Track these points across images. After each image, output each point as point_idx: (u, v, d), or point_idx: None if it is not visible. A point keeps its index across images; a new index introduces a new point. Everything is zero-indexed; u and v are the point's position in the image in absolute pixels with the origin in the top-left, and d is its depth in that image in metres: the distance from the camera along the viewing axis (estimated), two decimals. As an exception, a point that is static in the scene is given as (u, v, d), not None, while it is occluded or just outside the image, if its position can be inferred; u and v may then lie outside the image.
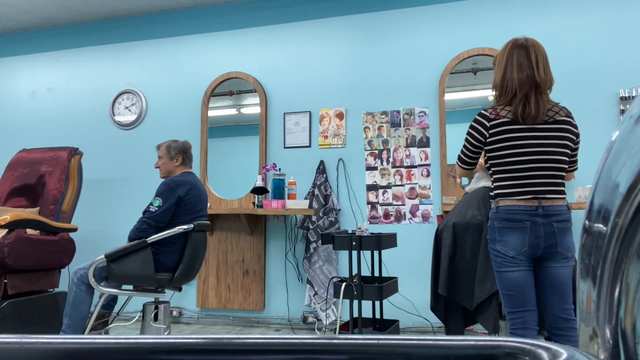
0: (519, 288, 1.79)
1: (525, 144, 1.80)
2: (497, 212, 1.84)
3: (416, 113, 3.81)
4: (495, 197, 1.87)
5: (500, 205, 1.83)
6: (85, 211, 4.22)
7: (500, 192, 1.85)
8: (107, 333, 3.03)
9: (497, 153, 1.85)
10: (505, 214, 1.81)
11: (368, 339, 0.48)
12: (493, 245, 1.84)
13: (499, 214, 1.83)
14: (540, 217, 1.78)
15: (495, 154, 1.85)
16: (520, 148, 1.81)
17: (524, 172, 1.82)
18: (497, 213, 1.84)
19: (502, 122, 1.83)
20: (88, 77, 4.74)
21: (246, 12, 4.33)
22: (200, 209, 2.89)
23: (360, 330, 2.85)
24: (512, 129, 1.81)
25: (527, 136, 1.81)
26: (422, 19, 3.89)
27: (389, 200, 3.80)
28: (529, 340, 0.45)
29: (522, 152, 1.81)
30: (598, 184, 0.51)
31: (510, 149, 1.82)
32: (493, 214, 1.86)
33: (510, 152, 1.82)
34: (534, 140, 1.80)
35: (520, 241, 1.78)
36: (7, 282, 2.98)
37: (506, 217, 1.80)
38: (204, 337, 0.49)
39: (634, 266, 0.47)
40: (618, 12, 3.49)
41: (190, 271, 2.80)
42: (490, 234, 1.86)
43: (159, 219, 2.69)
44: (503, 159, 1.84)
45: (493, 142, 1.85)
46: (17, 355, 0.47)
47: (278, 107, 4.15)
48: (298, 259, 3.93)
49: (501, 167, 1.85)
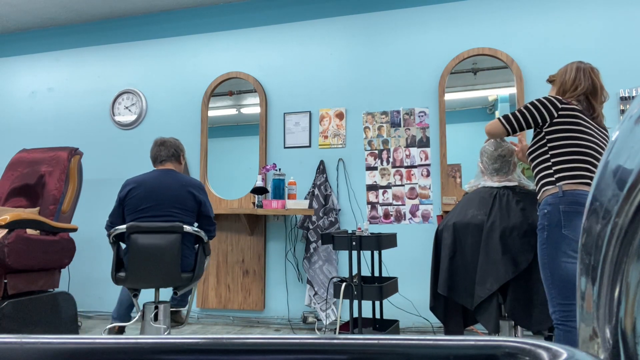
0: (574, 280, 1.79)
1: (590, 133, 1.93)
2: (564, 196, 1.83)
3: (416, 113, 3.81)
4: (558, 181, 1.87)
5: (567, 190, 1.84)
6: (85, 211, 4.22)
7: (565, 175, 1.87)
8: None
9: (564, 135, 1.91)
10: (573, 197, 1.82)
11: (368, 339, 0.48)
12: (558, 230, 1.80)
13: (566, 197, 1.83)
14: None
15: (562, 135, 1.92)
16: (587, 135, 1.92)
17: (589, 157, 1.89)
18: (563, 197, 1.83)
19: (574, 108, 1.96)
20: (88, 77, 4.74)
21: (246, 12, 4.33)
22: (146, 209, 2.70)
23: (360, 330, 2.85)
24: (582, 117, 1.95)
25: (591, 127, 1.96)
26: (422, 19, 3.90)
27: (389, 200, 3.80)
28: (529, 340, 0.45)
29: (588, 139, 1.91)
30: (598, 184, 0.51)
31: (579, 133, 1.91)
32: (558, 198, 1.84)
33: (579, 135, 1.90)
34: (595, 132, 1.96)
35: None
36: (7, 282, 2.98)
37: (575, 200, 1.81)
38: (204, 337, 0.49)
39: (634, 266, 0.47)
40: (618, 12, 3.49)
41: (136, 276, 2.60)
42: (552, 219, 1.82)
43: (111, 219, 2.79)
44: (571, 140, 1.90)
45: (560, 124, 1.93)
46: (17, 355, 0.47)
47: (278, 107, 4.15)
48: (298, 259, 3.93)
49: (566, 148, 1.90)
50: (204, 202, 2.83)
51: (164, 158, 2.90)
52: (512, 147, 2.34)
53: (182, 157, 2.99)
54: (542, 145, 1.97)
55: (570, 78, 2.07)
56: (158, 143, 2.94)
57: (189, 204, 2.76)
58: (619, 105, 3.41)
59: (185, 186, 2.78)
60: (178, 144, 2.98)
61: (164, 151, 2.91)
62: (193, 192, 2.78)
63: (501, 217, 2.12)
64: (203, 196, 2.84)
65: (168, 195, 2.72)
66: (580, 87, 2.05)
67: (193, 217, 2.81)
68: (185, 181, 2.81)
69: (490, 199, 2.21)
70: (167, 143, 2.94)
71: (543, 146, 1.97)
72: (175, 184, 2.78)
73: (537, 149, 1.99)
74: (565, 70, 2.13)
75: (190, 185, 2.80)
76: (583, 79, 2.06)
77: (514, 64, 3.62)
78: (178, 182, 2.79)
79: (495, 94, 3.77)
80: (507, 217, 2.11)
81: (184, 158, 3.01)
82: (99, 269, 4.13)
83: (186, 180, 2.83)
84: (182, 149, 2.99)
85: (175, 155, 2.93)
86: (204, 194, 2.86)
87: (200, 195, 2.82)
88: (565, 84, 2.08)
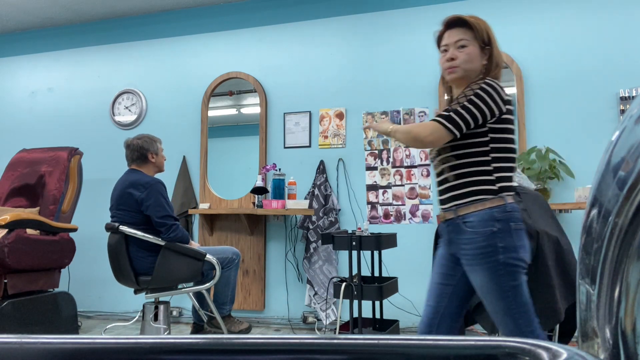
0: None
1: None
2: (511, 211, 1.51)
3: (416, 113, 3.82)
4: (501, 192, 1.53)
5: (510, 202, 1.53)
6: (85, 211, 4.21)
7: (506, 186, 1.54)
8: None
9: (506, 136, 1.56)
10: (518, 213, 1.53)
11: (368, 339, 0.48)
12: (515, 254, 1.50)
13: (513, 213, 1.51)
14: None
15: (504, 136, 1.55)
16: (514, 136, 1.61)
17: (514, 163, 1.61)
18: (510, 212, 1.51)
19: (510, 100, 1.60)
20: (88, 77, 4.74)
21: (246, 12, 4.33)
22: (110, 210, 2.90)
23: (360, 330, 2.85)
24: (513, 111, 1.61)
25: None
26: (422, 19, 3.89)
27: (389, 200, 3.80)
28: (529, 340, 0.45)
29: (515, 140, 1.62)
30: (598, 184, 0.51)
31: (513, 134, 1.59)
32: (506, 213, 1.50)
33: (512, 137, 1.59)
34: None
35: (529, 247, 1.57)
36: (7, 282, 2.98)
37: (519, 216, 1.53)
38: (204, 337, 0.49)
39: (634, 266, 0.47)
40: (618, 12, 3.49)
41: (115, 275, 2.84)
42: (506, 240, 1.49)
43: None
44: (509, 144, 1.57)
45: (505, 121, 1.56)
46: (17, 355, 0.47)
47: (278, 107, 4.15)
48: (298, 259, 3.93)
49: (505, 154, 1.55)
50: (142, 201, 2.75)
51: (129, 160, 2.96)
52: None
53: (152, 155, 2.93)
54: (483, 144, 1.54)
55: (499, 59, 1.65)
56: (124, 145, 2.99)
57: (130, 204, 2.78)
58: (619, 105, 3.41)
59: (127, 187, 2.80)
60: (142, 144, 2.93)
61: (128, 153, 2.96)
62: (131, 191, 2.77)
63: (501, 217, 2.12)
64: (144, 194, 2.75)
65: (115, 196, 2.86)
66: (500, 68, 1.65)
67: (139, 217, 2.79)
68: (130, 181, 2.82)
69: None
70: (131, 145, 2.95)
71: (483, 145, 1.54)
72: (121, 184, 2.85)
73: (475, 146, 1.55)
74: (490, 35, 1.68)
75: (131, 185, 2.79)
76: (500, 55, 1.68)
77: (514, 64, 3.62)
78: (124, 183, 2.84)
79: (495, 94, 3.77)
80: (507, 217, 2.11)
81: (155, 155, 2.95)
82: (99, 269, 4.13)
83: (132, 180, 2.82)
84: (147, 147, 2.92)
85: (140, 156, 2.93)
86: (149, 193, 2.75)
87: (140, 194, 2.75)
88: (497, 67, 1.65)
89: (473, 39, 1.64)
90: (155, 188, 2.77)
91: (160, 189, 2.79)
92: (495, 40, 1.67)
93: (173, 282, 2.80)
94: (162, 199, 2.77)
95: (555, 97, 3.56)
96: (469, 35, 1.64)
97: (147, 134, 3.03)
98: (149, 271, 2.74)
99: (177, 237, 2.78)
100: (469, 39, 1.64)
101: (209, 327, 3.05)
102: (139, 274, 2.75)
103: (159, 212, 2.74)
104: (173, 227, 2.76)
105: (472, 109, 1.51)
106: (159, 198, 2.76)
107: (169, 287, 2.82)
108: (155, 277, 2.70)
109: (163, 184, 2.84)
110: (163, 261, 2.71)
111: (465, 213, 1.54)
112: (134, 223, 2.76)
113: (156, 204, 2.74)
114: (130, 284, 2.79)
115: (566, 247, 2.06)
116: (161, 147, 3.04)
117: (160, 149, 3.02)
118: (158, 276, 2.71)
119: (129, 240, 2.76)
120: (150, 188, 2.76)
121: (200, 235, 4.15)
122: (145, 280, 2.73)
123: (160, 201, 2.75)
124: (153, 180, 2.80)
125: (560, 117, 3.53)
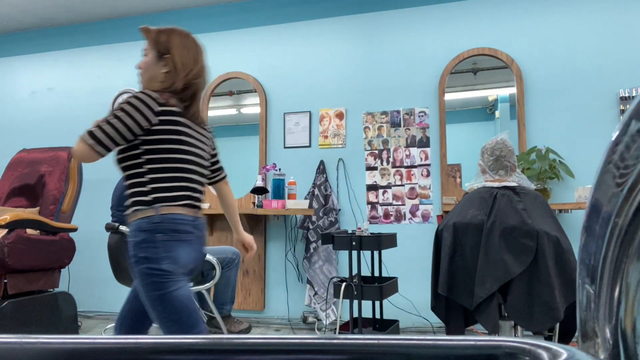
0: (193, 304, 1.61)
1: (192, 144, 1.65)
2: (160, 222, 1.55)
3: (416, 113, 3.81)
4: (155, 203, 1.56)
5: (165, 214, 1.56)
6: (85, 211, 4.21)
7: (164, 197, 1.58)
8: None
9: (162, 146, 1.58)
10: (173, 224, 1.56)
11: (368, 339, 0.48)
12: (155, 265, 1.52)
13: (162, 224, 1.55)
14: (200, 229, 1.67)
15: (162, 147, 1.58)
16: (189, 147, 1.64)
17: (187, 173, 1.63)
18: (158, 223, 1.54)
19: (173, 111, 1.60)
20: (88, 77, 4.74)
21: (246, 12, 4.33)
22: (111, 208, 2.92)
23: (360, 330, 2.85)
24: (182, 122, 1.63)
25: (194, 136, 1.67)
26: (422, 19, 3.89)
27: (389, 200, 3.80)
28: (529, 340, 0.45)
29: (190, 151, 1.64)
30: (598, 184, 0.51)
31: (178, 144, 1.61)
32: (154, 224, 1.54)
33: (177, 147, 1.60)
34: (198, 142, 1.69)
35: (194, 255, 1.63)
36: (7, 282, 2.98)
37: (174, 228, 1.56)
38: (204, 337, 0.49)
39: (634, 266, 0.47)
40: (618, 12, 3.49)
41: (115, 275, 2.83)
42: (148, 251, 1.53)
43: None
44: (168, 154, 1.59)
45: (161, 132, 1.58)
46: (17, 355, 0.47)
47: (278, 107, 4.15)
48: (298, 259, 3.93)
49: (164, 164, 1.59)
50: None
51: None
52: (512, 147, 2.33)
53: None
54: (137, 156, 1.58)
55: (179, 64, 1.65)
56: None
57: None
58: (619, 105, 3.41)
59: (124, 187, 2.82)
60: None
61: None
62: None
63: (501, 217, 2.12)
64: None
65: (116, 196, 2.89)
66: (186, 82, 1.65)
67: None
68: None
69: (490, 199, 2.21)
70: None
71: (137, 157, 1.58)
72: (121, 184, 2.88)
73: (130, 159, 1.59)
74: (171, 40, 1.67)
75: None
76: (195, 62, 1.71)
77: (514, 64, 3.62)
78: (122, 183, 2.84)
79: (495, 94, 3.77)
80: (507, 218, 2.11)
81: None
82: (99, 269, 4.13)
83: None
84: None
85: None
86: None
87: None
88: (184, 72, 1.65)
89: (151, 48, 1.69)
90: None
91: None
92: (177, 49, 1.69)
93: None
94: None
95: (555, 97, 3.56)
96: (148, 45, 1.71)
97: None
98: None
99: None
100: (148, 48, 1.71)
101: (209, 327, 3.05)
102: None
103: None
104: None
105: (117, 123, 1.53)
106: None
107: None
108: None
109: None
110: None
111: (130, 222, 1.62)
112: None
113: None
114: (130, 284, 2.78)
115: (566, 247, 2.07)
116: None
117: None
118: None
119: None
120: None
121: (200, 235, 4.16)
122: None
123: None
124: None
125: (560, 117, 3.53)
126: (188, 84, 1.66)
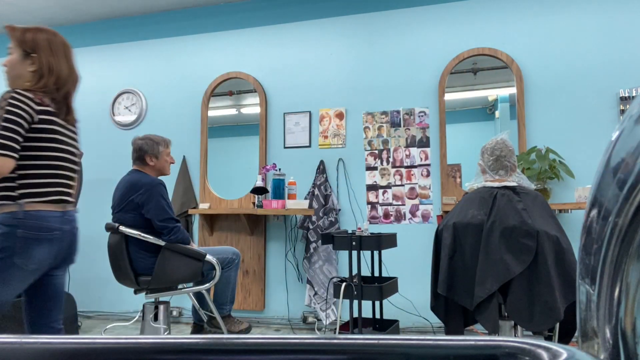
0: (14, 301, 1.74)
1: (65, 142, 1.76)
2: (25, 218, 1.62)
3: (416, 113, 3.81)
4: (21, 198, 1.64)
5: (30, 210, 1.64)
6: (85, 211, 4.21)
7: (31, 192, 1.65)
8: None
9: (36, 144, 1.66)
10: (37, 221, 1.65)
11: (368, 339, 0.48)
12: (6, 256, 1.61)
13: (27, 220, 1.62)
14: (68, 224, 1.76)
15: (35, 144, 1.66)
16: (63, 145, 1.74)
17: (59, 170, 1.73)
18: (23, 219, 1.62)
19: (49, 110, 1.70)
20: (88, 77, 4.73)
21: (246, 12, 4.33)
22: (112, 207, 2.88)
23: (360, 330, 2.85)
24: (56, 121, 1.72)
25: (66, 134, 1.77)
26: (422, 19, 3.90)
27: (389, 200, 3.80)
28: (529, 340, 0.45)
29: (64, 149, 1.74)
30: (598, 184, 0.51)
31: (52, 143, 1.70)
32: (17, 220, 1.62)
33: (51, 145, 1.69)
34: (70, 140, 1.79)
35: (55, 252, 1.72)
36: (7, 282, 2.98)
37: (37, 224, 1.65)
38: (204, 337, 0.49)
39: (634, 266, 0.47)
40: (618, 12, 3.49)
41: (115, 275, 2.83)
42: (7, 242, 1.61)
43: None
44: (42, 151, 1.67)
45: (37, 130, 1.66)
46: (17, 355, 0.47)
47: (278, 107, 4.15)
48: (298, 259, 3.93)
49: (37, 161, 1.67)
50: (143, 204, 2.73)
51: (132, 159, 2.95)
52: (512, 147, 2.33)
53: (150, 158, 2.87)
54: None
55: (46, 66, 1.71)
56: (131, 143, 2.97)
57: (131, 207, 2.77)
58: (619, 105, 3.41)
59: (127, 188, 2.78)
60: (142, 145, 2.88)
61: (132, 153, 2.94)
62: (131, 195, 2.76)
63: (501, 217, 2.12)
64: (144, 197, 2.73)
65: (117, 197, 2.84)
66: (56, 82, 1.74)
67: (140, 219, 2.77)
68: (130, 182, 2.79)
69: (490, 199, 2.21)
70: (134, 145, 2.93)
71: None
72: (122, 185, 2.83)
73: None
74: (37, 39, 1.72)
75: (132, 186, 2.77)
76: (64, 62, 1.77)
77: (514, 64, 3.62)
78: (125, 184, 2.82)
79: (495, 94, 3.77)
80: (507, 217, 2.11)
81: (154, 158, 2.87)
82: (99, 269, 4.13)
83: (133, 181, 2.79)
84: (146, 149, 2.86)
85: (139, 157, 2.89)
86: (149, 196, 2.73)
87: (140, 197, 2.73)
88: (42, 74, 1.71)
89: (16, 47, 1.73)
90: (155, 190, 2.74)
91: (160, 190, 2.76)
92: (44, 48, 1.73)
93: (173, 282, 2.80)
94: (163, 200, 2.75)
95: (555, 97, 3.56)
96: (13, 44, 1.74)
97: (152, 135, 2.94)
98: (148, 271, 2.73)
99: (179, 239, 2.78)
100: (13, 47, 1.74)
101: (209, 327, 3.05)
102: (138, 274, 2.75)
103: (160, 215, 2.72)
104: (174, 229, 2.76)
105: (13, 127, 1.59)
106: (159, 200, 2.73)
107: (169, 287, 2.82)
108: (155, 278, 2.70)
109: (163, 184, 2.81)
110: (163, 261, 2.71)
111: None
112: (135, 224, 2.75)
113: (157, 207, 2.72)
114: (130, 284, 2.78)
115: (566, 247, 2.07)
116: (166, 150, 2.93)
117: (164, 151, 2.91)
118: (158, 276, 2.71)
119: (129, 240, 2.75)
120: (150, 190, 2.73)
121: (200, 236, 4.15)
122: (145, 280, 2.73)
123: (160, 204, 2.73)
124: (153, 181, 2.77)
125: (560, 117, 3.53)
126: (60, 85, 1.75)
